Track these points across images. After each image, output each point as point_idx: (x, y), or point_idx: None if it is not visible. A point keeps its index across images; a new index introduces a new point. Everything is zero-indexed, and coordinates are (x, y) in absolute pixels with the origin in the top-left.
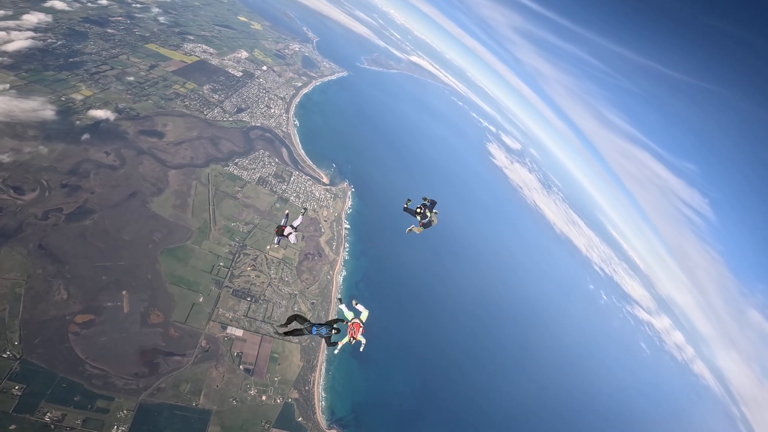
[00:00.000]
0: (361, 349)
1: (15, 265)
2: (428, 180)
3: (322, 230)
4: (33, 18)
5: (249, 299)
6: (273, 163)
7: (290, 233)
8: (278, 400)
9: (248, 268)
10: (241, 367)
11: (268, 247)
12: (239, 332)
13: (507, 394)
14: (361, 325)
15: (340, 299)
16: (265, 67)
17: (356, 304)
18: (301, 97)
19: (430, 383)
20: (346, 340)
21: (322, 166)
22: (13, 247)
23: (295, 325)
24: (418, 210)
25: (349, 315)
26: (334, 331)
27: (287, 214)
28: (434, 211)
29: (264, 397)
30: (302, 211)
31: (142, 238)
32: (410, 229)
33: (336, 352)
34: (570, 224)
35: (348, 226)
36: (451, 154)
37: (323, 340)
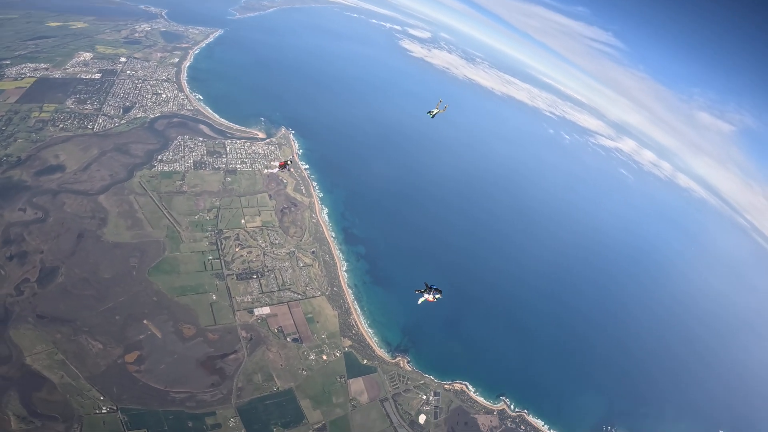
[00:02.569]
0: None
1: (32, 340)
2: (357, 94)
3: (284, 181)
4: None
5: (255, 276)
6: (199, 143)
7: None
8: (337, 354)
9: (237, 249)
10: (288, 339)
11: (243, 221)
12: (266, 309)
13: (523, 264)
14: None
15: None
16: (123, 59)
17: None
18: (187, 71)
19: (455, 279)
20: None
21: (251, 124)
22: (17, 328)
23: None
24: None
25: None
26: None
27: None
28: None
29: (324, 357)
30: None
31: (122, 270)
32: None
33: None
34: (506, 84)
35: (307, 167)
36: (370, 63)
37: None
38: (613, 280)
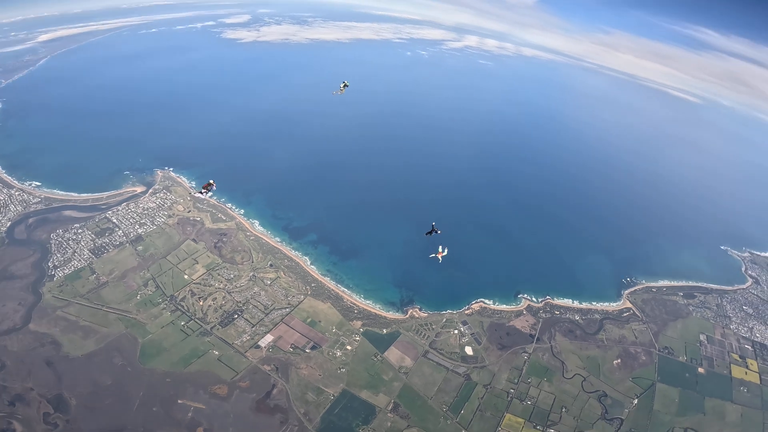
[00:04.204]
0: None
1: None
2: (212, 102)
3: (197, 219)
4: None
5: (236, 316)
6: (79, 229)
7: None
8: (357, 338)
9: (200, 303)
10: (307, 350)
11: (185, 276)
12: (269, 337)
13: (455, 172)
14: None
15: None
16: None
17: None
18: None
19: (407, 211)
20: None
21: (120, 184)
22: None
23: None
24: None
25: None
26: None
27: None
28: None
29: (349, 347)
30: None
31: (116, 371)
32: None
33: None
34: (347, 30)
35: (210, 194)
36: (204, 68)
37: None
38: (532, 150)
